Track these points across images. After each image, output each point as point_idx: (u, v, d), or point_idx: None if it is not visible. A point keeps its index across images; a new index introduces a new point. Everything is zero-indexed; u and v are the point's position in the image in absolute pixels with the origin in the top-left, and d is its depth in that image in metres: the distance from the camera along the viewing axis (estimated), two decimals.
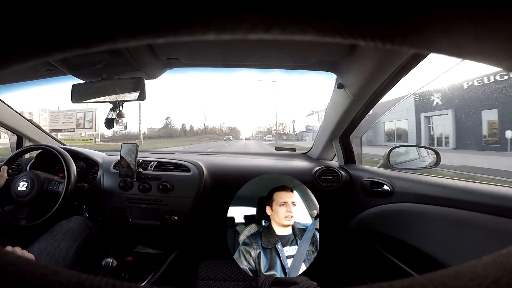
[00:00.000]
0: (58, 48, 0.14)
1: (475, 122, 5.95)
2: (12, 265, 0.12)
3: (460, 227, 0.71)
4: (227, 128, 44.33)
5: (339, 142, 1.35)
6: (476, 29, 0.12)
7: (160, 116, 30.36)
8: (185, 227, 1.26)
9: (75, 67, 1.01)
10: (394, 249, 0.98)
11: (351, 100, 1.06)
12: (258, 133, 41.64)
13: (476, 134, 6.26)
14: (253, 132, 49.61)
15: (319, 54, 0.94)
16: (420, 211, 0.86)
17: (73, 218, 1.15)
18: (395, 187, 1.00)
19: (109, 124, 1.07)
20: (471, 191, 0.72)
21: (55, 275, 0.12)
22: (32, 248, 0.97)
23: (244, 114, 61.13)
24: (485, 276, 0.12)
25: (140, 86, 1.00)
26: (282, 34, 0.13)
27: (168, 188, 1.23)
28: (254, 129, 58.65)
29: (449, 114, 7.16)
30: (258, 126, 53.55)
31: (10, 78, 1.28)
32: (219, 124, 47.32)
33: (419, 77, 0.97)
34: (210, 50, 0.94)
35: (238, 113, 61.14)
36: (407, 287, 0.12)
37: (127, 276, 1.18)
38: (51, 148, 1.22)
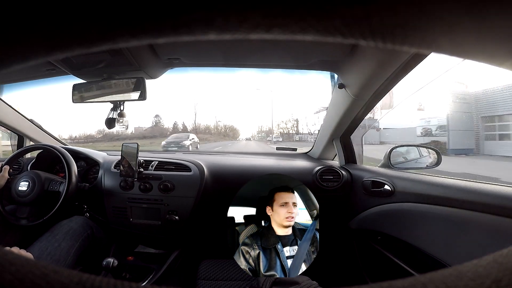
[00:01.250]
0: (59, 47, 0.14)
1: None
2: (13, 265, 0.13)
3: (461, 226, 0.71)
4: (223, 127, 36.59)
5: (340, 142, 1.35)
6: (478, 29, 0.12)
7: (148, 114, 26.95)
8: (186, 227, 1.26)
9: (76, 67, 1.01)
10: (395, 249, 0.98)
11: (352, 99, 1.06)
12: (260, 132, 34.01)
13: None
14: (254, 132, 39.46)
15: (320, 53, 0.94)
16: (421, 211, 0.85)
17: (74, 218, 1.15)
18: (396, 187, 1.00)
19: (110, 123, 1.07)
20: (472, 190, 0.72)
21: (56, 274, 0.12)
22: (33, 247, 0.97)
23: (243, 112, 52.21)
24: (486, 276, 0.12)
25: (141, 86, 1.00)
26: (283, 34, 0.13)
27: (169, 188, 1.23)
28: (254, 128, 46.06)
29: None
30: (259, 125, 41.78)
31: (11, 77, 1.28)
32: (214, 121, 38.02)
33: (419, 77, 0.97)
34: (211, 49, 0.95)
35: (237, 111, 51.17)
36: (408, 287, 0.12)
37: (128, 276, 1.18)
38: (52, 147, 1.22)
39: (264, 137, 32.80)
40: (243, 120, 52.20)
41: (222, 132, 33.33)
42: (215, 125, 34.12)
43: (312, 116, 27.88)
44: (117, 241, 1.35)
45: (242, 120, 45.29)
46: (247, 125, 54.23)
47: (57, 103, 16.12)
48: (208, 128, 33.32)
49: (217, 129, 34.08)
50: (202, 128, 32.98)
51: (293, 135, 30.70)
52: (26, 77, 1.25)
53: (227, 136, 33.23)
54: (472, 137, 5.82)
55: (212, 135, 31.14)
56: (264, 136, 33.53)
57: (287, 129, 31.70)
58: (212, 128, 32.42)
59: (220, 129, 33.57)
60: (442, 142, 6.79)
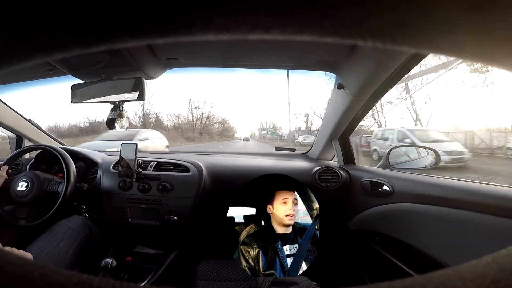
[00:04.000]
0: (58, 48, 0.14)
1: None
2: (12, 265, 0.12)
3: (460, 227, 0.71)
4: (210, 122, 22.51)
5: (338, 142, 1.35)
6: (478, 29, 0.12)
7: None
8: (185, 227, 1.26)
9: (74, 67, 1.01)
10: (394, 249, 0.99)
11: (350, 100, 1.06)
12: (262, 130, 22.39)
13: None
14: (254, 130, 26.84)
15: (319, 54, 0.94)
16: (420, 211, 0.86)
17: (72, 218, 1.15)
18: (394, 187, 1.00)
19: (110, 124, 1.07)
20: (470, 191, 0.72)
21: (55, 275, 0.12)
22: (31, 247, 0.96)
23: (242, 108, 38.73)
24: (484, 276, 0.12)
25: (139, 86, 0.99)
26: (282, 34, 0.13)
27: (167, 188, 1.23)
28: (255, 125, 34.16)
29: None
30: (261, 120, 29.08)
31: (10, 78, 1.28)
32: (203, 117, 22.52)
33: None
34: (210, 50, 0.95)
35: (234, 107, 37.39)
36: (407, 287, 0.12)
37: (127, 276, 1.18)
38: (51, 148, 1.22)
39: (273, 135, 21.34)
40: (242, 117, 42.76)
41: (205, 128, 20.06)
42: (202, 122, 20.42)
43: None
44: (116, 241, 1.35)
45: (241, 117, 35.26)
46: (247, 122, 44.76)
47: (57, 103, 15.79)
48: (190, 124, 20.05)
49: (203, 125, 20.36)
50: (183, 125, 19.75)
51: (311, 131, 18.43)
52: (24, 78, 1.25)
53: (219, 135, 21.60)
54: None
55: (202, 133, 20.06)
56: (270, 134, 21.66)
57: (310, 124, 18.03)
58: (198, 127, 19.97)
59: (203, 124, 20.22)
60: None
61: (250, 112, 38.83)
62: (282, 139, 19.92)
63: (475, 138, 7.20)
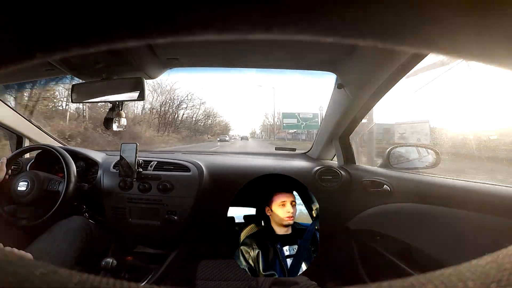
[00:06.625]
0: (58, 48, 0.14)
1: None
2: (12, 265, 0.12)
3: (460, 226, 0.71)
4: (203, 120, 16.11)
5: (339, 142, 1.35)
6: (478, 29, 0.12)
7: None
8: (185, 227, 1.26)
9: (75, 67, 1.01)
10: (394, 249, 0.98)
11: (351, 100, 1.06)
12: (263, 130, 17.34)
13: None
14: (255, 127, 20.32)
15: (319, 54, 0.94)
16: (420, 211, 0.86)
17: (73, 217, 1.15)
18: (395, 187, 1.00)
19: (107, 123, 1.07)
20: (470, 190, 0.72)
21: (55, 275, 0.12)
22: (31, 248, 0.96)
23: (242, 105, 34.50)
24: (485, 275, 0.12)
25: (139, 86, 0.99)
26: (282, 34, 0.13)
27: (168, 188, 1.23)
28: (255, 124, 26.28)
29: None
30: (263, 119, 20.04)
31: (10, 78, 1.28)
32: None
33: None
34: (210, 50, 0.94)
35: (233, 104, 33.41)
36: (407, 287, 0.12)
37: (127, 276, 1.18)
38: (51, 148, 1.22)
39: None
40: (241, 114, 36.51)
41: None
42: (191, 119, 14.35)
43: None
44: (116, 241, 1.35)
45: (239, 114, 31.88)
46: (246, 120, 38.29)
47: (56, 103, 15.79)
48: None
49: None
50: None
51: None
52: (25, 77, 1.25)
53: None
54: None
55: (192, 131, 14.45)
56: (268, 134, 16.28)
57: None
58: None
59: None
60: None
61: (249, 113, 35.29)
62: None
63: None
